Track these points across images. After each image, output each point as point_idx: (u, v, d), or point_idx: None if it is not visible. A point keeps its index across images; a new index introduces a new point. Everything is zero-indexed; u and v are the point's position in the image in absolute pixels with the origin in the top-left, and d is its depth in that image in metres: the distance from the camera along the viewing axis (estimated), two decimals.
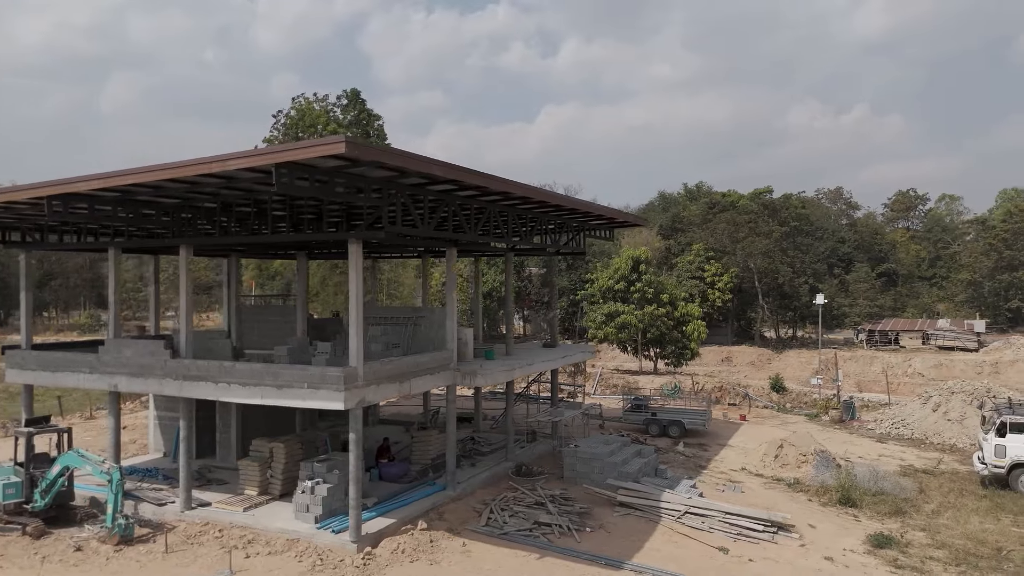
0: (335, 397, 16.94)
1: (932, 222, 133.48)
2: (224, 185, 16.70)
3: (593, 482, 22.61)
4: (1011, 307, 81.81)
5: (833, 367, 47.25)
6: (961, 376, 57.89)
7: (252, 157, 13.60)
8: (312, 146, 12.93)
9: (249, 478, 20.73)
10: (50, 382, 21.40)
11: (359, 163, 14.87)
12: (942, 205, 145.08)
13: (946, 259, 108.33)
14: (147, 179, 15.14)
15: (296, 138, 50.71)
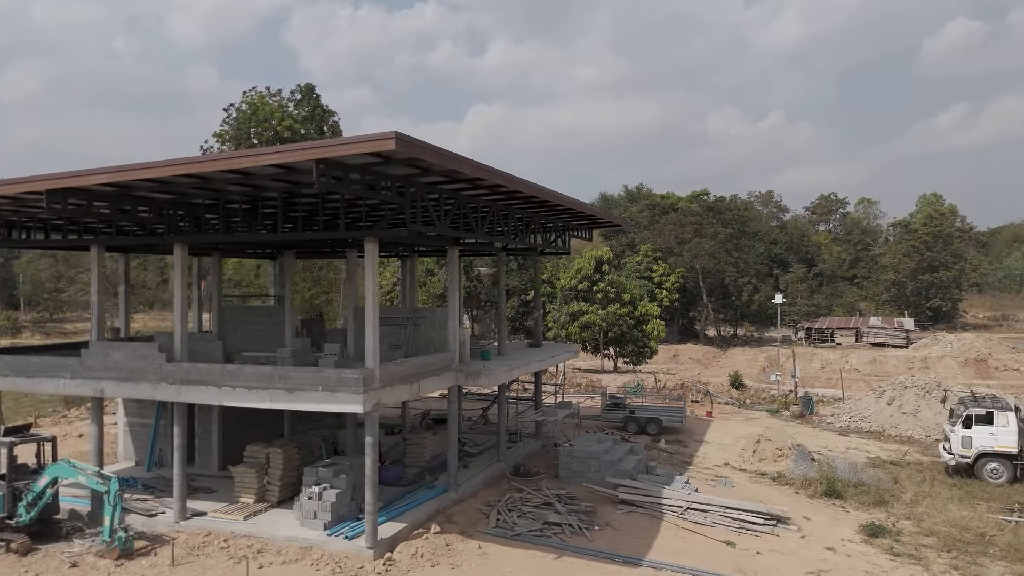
0: (353, 400, 16.49)
1: (852, 225, 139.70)
2: (236, 181, 16.04)
3: (590, 481, 22.75)
4: (931, 305, 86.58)
5: (791, 364, 48.87)
6: (893, 371, 60.93)
7: (291, 152, 13.07)
8: (359, 141, 12.54)
9: (245, 485, 19.95)
10: (24, 388, 20.07)
11: (391, 160, 14.55)
12: (860, 209, 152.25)
13: (867, 260, 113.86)
14: (165, 174, 14.41)
15: (248, 134, 49.13)
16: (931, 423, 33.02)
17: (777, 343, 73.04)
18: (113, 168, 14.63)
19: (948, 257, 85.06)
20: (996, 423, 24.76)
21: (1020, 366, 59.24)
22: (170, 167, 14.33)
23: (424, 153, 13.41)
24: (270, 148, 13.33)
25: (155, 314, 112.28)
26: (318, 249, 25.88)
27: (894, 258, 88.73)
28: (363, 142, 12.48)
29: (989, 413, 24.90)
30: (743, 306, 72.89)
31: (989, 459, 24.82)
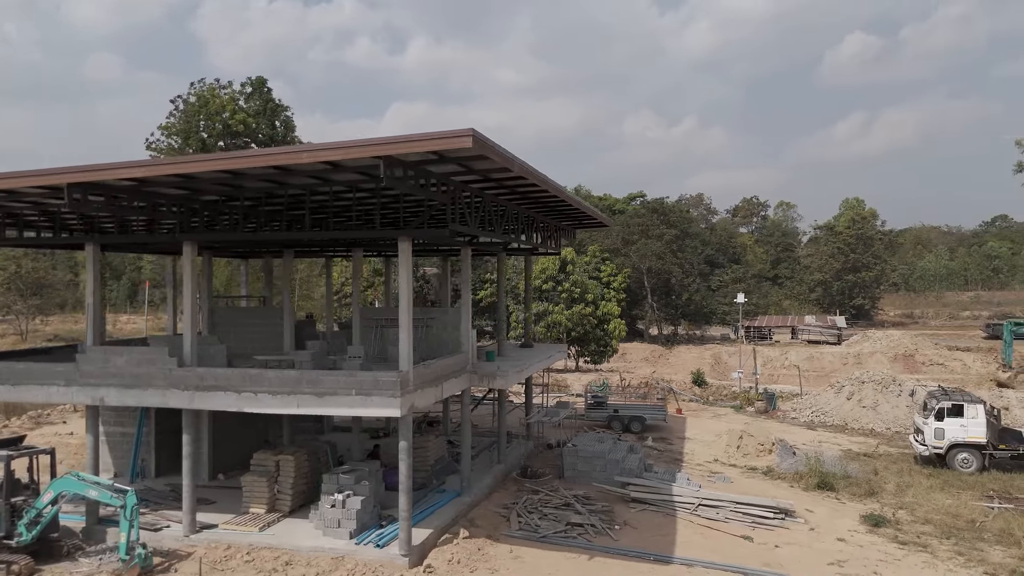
0: (390, 404, 16.01)
1: (773, 227, 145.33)
2: (269, 177, 15.34)
3: (595, 480, 22.84)
4: (854, 304, 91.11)
5: (752, 361, 50.40)
6: (830, 367, 63.86)
7: (354, 148, 12.52)
8: (434, 138, 12.13)
9: (255, 495, 19.08)
10: (10, 397, 18.57)
11: (444, 158, 14.20)
12: (779, 212, 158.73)
13: (790, 261, 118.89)
14: (199, 169, 13.60)
15: (197, 127, 47.07)
16: (890, 416, 34.71)
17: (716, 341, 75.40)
18: (145, 162, 13.78)
19: (870, 258, 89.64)
20: (966, 415, 26.21)
21: (944, 361, 62.97)
22: (206, 162, 13.55)
23: (492, 152, 13.13)
24: (331, 143, 12.74)
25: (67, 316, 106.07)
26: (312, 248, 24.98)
27: (821, 259, 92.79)
28: (438, 139, 12.09)
29: (960, 406, 26.35)
30: (683, 305, 74.77)
31: (960, 449, 26.26)
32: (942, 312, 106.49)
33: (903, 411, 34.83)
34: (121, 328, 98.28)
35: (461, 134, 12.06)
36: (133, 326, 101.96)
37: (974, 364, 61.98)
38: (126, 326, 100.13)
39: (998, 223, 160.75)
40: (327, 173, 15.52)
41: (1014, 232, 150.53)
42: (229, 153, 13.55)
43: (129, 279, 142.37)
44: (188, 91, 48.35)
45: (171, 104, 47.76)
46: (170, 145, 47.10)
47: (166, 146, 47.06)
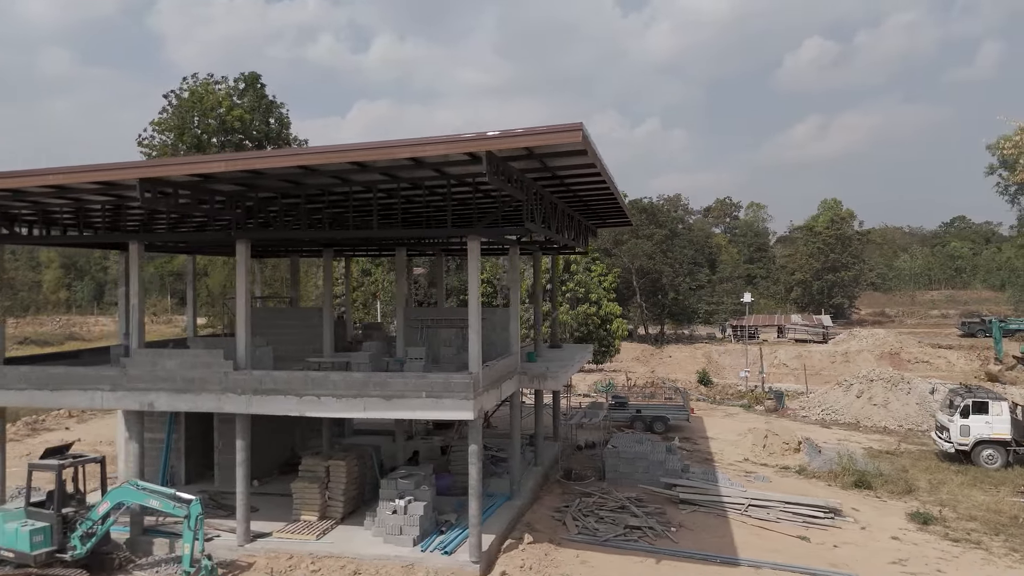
0: (463, 406, 15.58)
1: (746, 227, 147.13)
2: (345, 172, 14.81)
3: (638, 481, 22.63)
4: (834, 303, 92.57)
5: (760, 360, 50.71)
6: (818, 365, 64.71)
7: (460, 143, 12.06)
8: (545, 132, 11.74)
9: (306, 501, 18.46)
10: (48, 403, 17.70)
11: (532, 154, 13.83)
12: (750, 212, 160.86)
13: (766, 260, 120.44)
14: (293, 163, 13.03)
15: (191, 123, 45.83)
16: (901, 413, 35.15)
17: (704, 340, 75.94)
18: (218, 157, 13.11)
19: (848, 258, 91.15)
20: (991, 412, 26.58)
21: (929, 358, 64.22)
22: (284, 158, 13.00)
23: (590, 147, 12.80)
24: (431, 138, 12.23)
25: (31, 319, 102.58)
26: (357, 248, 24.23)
27: (800, 259, 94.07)
28: (548, 133, 11.71)
29: (984, 403, 26.72)
30: (671, 304, 75.20)
31: (985, 446, 26.62)
32: (913, 311, 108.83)
33: (913, 408, 35.30)
34: (90, 331, 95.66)
35: (571, 128, 11.70)
36: (103, 327, 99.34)
37: (958, 361, 63.35)
38: (94, 328, 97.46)
39: (956, 224, 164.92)
40: (396, 170, 15.05)
41: (972, 233, 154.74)
42: (307, 148, 13.03)
43: (94, 279, 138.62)
44: (180, 86, 47.07)
45: (164, 99, 46.38)
46: (163, 142, 45.77)
47: (159, 143, 45.72)
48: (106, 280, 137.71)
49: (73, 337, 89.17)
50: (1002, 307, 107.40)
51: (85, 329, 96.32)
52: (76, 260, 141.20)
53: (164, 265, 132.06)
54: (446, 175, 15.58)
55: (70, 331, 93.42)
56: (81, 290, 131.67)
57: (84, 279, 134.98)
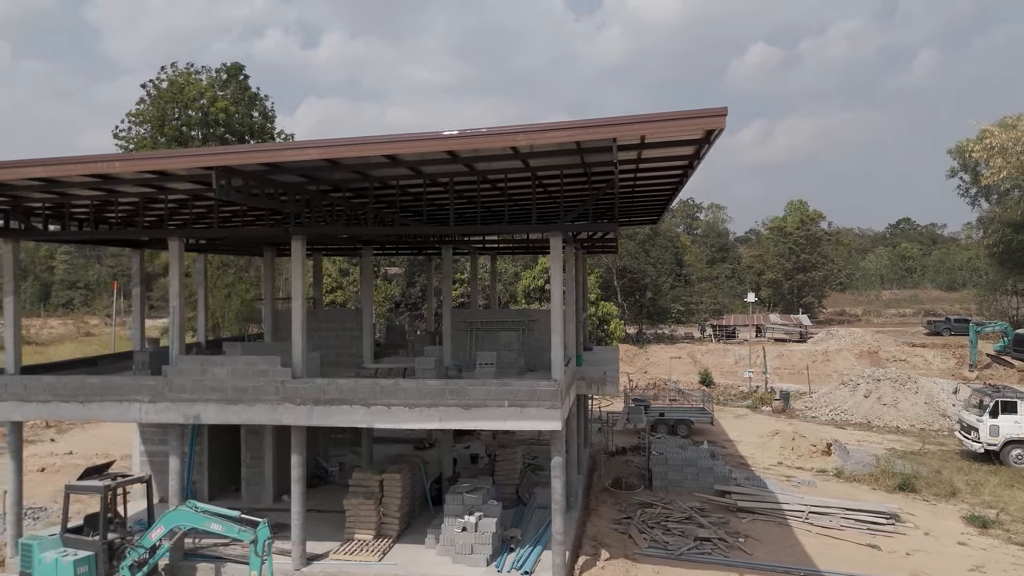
0: (548, 416, 14.50)
1: (708, 228, 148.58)
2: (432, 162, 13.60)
3: (687, 489, 21.85)
4: (804, 303, 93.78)
5: (763, 360, 50.50)
6: (800, 364, 65.06)
7: (595, 128, 10.93)
8: (689, 117, 10.72)
9: (361, 519, 17.10)
10: (76, 416, 15.96)
11: (645, 144, 12.83)
12: (710, 213, 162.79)
13: (732, 260, 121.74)
14: (381, 151, 11.76)
15: (171, 115, 43.50)
16: (911, 413, 35.18)
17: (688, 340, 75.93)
18: (319, 143, 11.70)
19: (818, 258, 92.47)
20: (1020, 412, 26.57)
21: (907, 356, 65.20)
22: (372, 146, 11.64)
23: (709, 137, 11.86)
24: (546, 124, 11.10)
25: None
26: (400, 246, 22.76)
27: (771, 259, 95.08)
28: (693, 118, 10.69)
29: (1014, 403, 26.70)
30: (648, 304, 74.98)
31: (1015, 445, 26.60)
32: (875, 311, 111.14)
33: (922, 408, 35.39)
34: (38, 333, 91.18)
35: (716, 113, 10.72)
36: (52, 331, 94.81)
37: (934, 360, 64.49)
38: (42, 331, 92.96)
39: (902, 225, 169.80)
40: (480, 161, 13.91)
41: (918, 234, 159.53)
42: (405, 135, 11.74)
43: (39, 279, 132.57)
44: (158, 76, 44.69)
45: (142, 88, 43.97)
46: (140, 135, 43.37)
47: (136, 136, 43.30)
48: (52, 281, 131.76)
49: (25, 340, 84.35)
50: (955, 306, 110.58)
51: (33, 332, 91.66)
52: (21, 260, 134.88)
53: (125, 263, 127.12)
54: (530, 168, 14.50)
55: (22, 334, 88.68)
56: (25, 291, 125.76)
57: (28, 279, 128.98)
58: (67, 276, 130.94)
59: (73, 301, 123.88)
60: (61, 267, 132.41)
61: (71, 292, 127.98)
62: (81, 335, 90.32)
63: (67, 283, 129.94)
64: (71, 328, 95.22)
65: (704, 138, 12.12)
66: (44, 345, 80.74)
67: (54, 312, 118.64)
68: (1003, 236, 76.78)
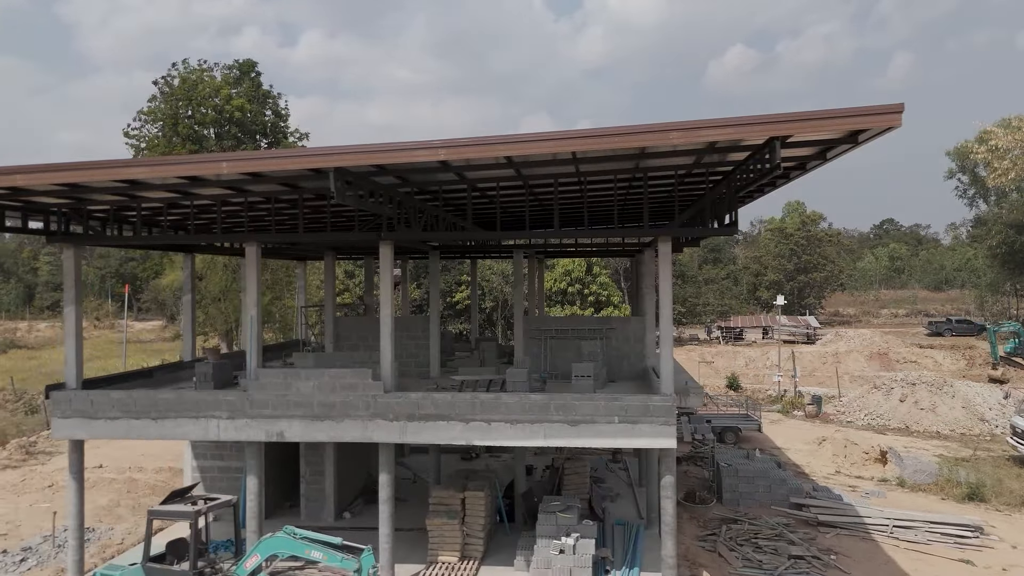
0: (662, 433, 13.69)
1: None
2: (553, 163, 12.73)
3: (760, 502, 21.11)
4: (805, 304, 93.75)
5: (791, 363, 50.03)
6: (810, 366, 64.90)
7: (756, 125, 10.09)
8: (861, 114, 9.90)
9: (445, 540, 16.19)
10: (149, 434, 14.85)
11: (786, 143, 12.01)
12: None
13: (726, 261, 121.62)
14: (543, 150, 10.85)
15: (183, 114, 42.13)
16: (950, 418, 34.72)
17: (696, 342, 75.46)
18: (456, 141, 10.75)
19: (819, 259, 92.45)
20: None
21: (917, 358, 65.11)
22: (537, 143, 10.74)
23: None
24: (713, 120, 10.27)
25: None
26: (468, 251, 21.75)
27: (772, 260, 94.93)
28: (870, 115, 9.87)
29: None
30: None
31: None
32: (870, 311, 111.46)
33: (960, 412, 34.94)
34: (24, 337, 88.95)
35: (892, 110, 9.91)
36: (39, 334, 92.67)
37: (944, 360, 64.46)
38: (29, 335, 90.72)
39: (885, 226, 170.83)
40: (584, 163, 13.05)
41: (903, 235, 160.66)
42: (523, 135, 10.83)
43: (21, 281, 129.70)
44: (169, 72, 43.28)
45: (154, 85, 42.57)
46: (152, 134, 41.99)
47: (148, 136, 41.92)
48: (36, 283, 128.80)
49: (15, 344, 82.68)
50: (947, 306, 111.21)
51: (20, 336, 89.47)
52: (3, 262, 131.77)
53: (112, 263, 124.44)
54: (642, 168, 13.66)
55: (11, 338, 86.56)
56: (8, 293, 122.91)
57: (11, 281, 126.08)
58: (51, 278, 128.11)
59: (60, 303, 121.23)
60: (45, 268, 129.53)
61: (56, 294, 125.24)
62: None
63: (52, 285, 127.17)
64: (59, 331, 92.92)
65: (847, 138, 11.29)
66: (36, 349, 78.70)
67: (39, 315, 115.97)
68: (1006, 237, 77.03)
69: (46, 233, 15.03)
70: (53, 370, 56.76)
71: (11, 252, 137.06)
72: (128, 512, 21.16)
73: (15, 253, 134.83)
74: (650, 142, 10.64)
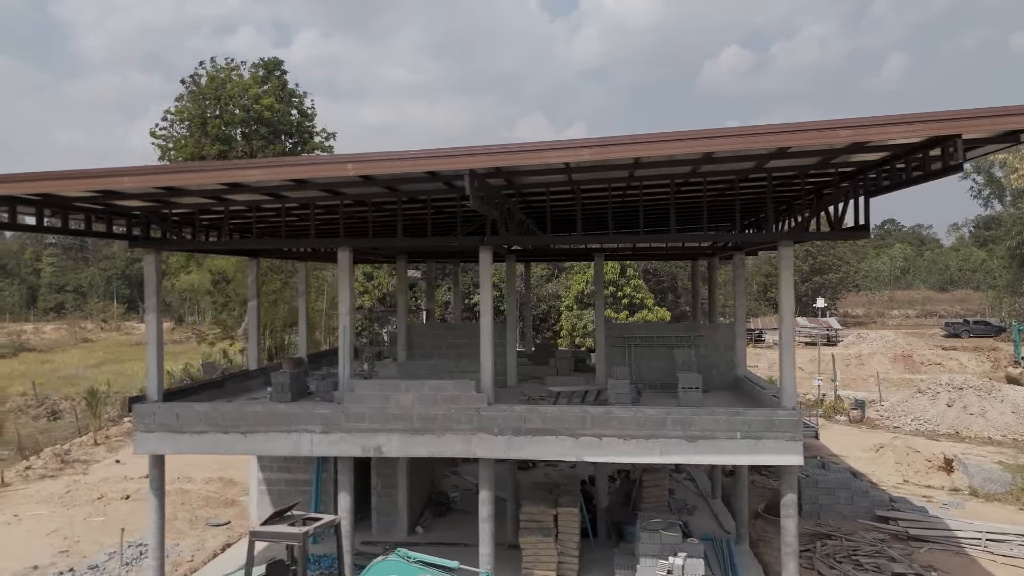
0: (789, 449, 13.00)
1: None
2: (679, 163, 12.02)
3: (842, 514, 20.42)
4: (818, 306, 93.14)
5: (830, 367, 49.49)
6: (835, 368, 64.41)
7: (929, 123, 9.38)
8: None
9: (540, 559, 15.43)
10: (236, 448, 14.12)
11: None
12: None
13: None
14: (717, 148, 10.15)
15: (210, 113, 41.37)
16: (1000, 423, 34.06)
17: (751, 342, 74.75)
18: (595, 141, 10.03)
19: (834, 260, 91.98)
20: None
21: (941, 360, 64.56)
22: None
23: None
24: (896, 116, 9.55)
25: None
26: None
27: None
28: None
29: None
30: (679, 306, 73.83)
31: None
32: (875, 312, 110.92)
33: (1010, 417, 34.30)
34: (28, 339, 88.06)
35: None
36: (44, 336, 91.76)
37: (969, 362, 63.90)
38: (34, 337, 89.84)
39: (886, 226, 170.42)
40: (709, 163, 12.35)
41: (905, 235, 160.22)
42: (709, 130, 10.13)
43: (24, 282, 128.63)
44: (196, 71, 42.53)
45: (182, 84, 41.78)
46: (180, 134, 41.22)
47: (175, 136, 41.15)
48: (38, 284, 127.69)
49: (25, 347, 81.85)
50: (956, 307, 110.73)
51: (24, 338, 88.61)
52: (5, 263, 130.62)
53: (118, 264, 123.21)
54: (766, 169, 12.97)
55: (19, 341, 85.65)
56: (12, 295, 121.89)
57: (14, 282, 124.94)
58: (54, 279, 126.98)
59: (65, 305, 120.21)
60: (48, 269, 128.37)
61: (60, 295, 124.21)
62: (79, 341, 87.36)
63: (55, 286, 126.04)
64: (65, 334, 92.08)
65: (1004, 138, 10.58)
66: (47, 352, 77.73)
67: (43, 316, 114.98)
68: None
69: (128, 238, 14.29)
70: (70, 374, 55.85)
71: (13, 253, 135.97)
72: (186, 526, 20.40)
73: (17, 254, 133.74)
74: (811, 141, 9.92)
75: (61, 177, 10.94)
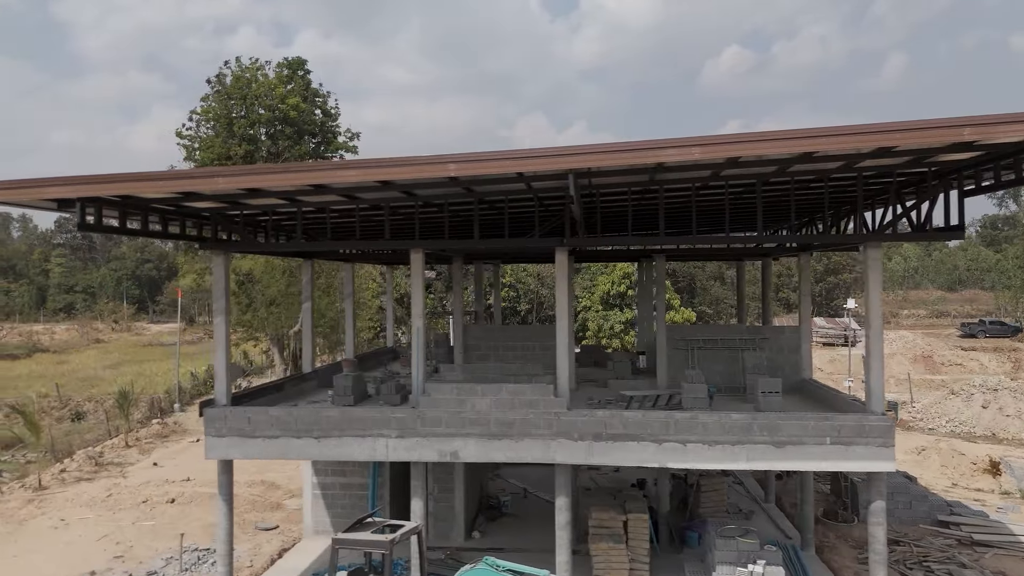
0: (880, 455, 12.69)
1: None
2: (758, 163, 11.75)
3: (900, 519, 20.08)
4: (834, 306, 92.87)
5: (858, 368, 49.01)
6: (854, 369, 64.07)
7: None
8: None
9: (612, 566, 15.16)
10: (309, 453, 13.86)
11: None
12: None
13: None
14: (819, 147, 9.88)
15: (237, 113, 41.12)
16: None
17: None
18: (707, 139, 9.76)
19: (848, 259, 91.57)
20: None
21: (962, 361, 64.20)
22: None
23: None
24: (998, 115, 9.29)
25: None
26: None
27: None
28: None
29: None
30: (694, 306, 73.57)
31: None
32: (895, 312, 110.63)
33: None
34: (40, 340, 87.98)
35: None
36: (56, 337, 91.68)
37: (989, 363, 63.52)
38: (44, 337, 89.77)
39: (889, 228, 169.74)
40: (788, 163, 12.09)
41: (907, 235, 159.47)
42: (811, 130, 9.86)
43: (33, 283, 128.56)
44: (220, 71, 42.27)
45: (208, 84, 41.54)
46: (206, 134, 40.98)
47: (202, 136, 40.91)
48: (47, 285, 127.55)
49: (39, 348, 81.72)
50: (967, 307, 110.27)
51: (39, 339, 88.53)
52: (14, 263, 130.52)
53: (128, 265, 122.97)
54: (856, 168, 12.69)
55: (32, 342, 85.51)
56: (22, 296, 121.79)
57: (23, 283, 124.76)
58: (63, 280, 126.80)
59: (74, 305, 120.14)
60: (56, 270, 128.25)
61: (69, 296, 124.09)
62: (91, 342, 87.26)
63: (64, 287, 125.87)
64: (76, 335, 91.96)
65: None
66: (62, 353, 77.54)
67: (53, 317, 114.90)
68: None
69: (198, 239, 14.03)
70: (88, 375, 55.72)
71: (22, 254, 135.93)
72: (237, 530, 20.01)
73: (26, 255, 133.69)
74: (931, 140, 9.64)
75: (147, 179, 10.70)
